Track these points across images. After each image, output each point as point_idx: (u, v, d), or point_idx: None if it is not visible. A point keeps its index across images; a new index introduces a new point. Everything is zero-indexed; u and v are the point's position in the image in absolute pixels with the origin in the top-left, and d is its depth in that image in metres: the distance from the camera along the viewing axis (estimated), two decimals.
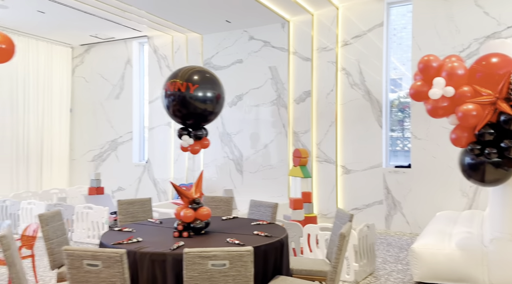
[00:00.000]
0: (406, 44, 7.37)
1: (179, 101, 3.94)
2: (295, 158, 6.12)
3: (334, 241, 3.33)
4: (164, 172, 9.24)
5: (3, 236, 2.42)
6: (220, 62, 8.60)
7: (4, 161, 8.71)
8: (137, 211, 4.16)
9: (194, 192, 3.25)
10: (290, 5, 7.16)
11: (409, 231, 6.75)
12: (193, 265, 2.10)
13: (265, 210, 3.97)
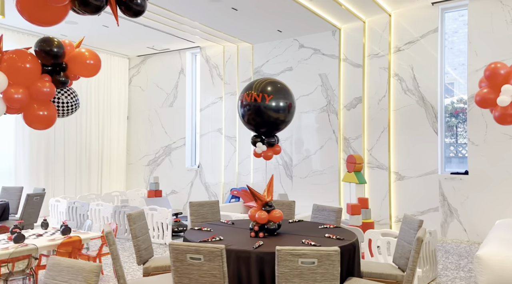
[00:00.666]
0: (457, 49, 7.27)
1: (254, 110, 4.20)
2: (349, 164, 6.21)
3: (402, 246, 3.42)
4: (215, 176, 9.57)
5: (109, 233, 2.72)
6: (270, 70, 8.84)
7: (69, 166, 9.37)
8: (207, 212, 4.43)
9: (267, 196, 3.45)
10: (342, 13, 7.28)
11: (467, 239, 6.62)
12: (284, 262, 2.30)
13: (329, 214, 4.11)
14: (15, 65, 3.73)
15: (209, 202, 4.48)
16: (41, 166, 8.77)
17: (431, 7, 7.09)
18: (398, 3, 7.06)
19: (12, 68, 3.73)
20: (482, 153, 6.55)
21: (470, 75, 6.74)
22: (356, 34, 7.81)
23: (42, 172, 8.79)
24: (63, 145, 9.25)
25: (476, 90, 6.66)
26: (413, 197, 7.13)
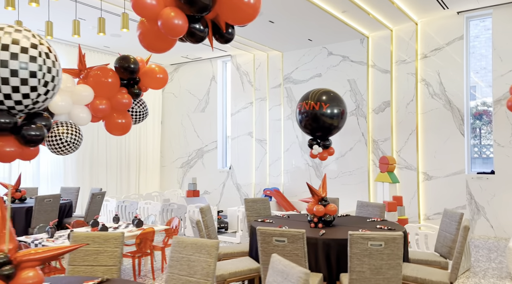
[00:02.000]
0: (479, 53, 7.65)
1: (311, 117, 4.72)
2: (382, 165, 6.65)
3: (444, 236, 3.86)
4: (247, 177, 10.07)
5: (198, 221, 3.24)
6: (299, 77, 9.32)
7: (111, 169, 10.00)
8: (260, 208, 4.93)
9: (322, 192, 3.94)
10: (370, 22, 7.73)
11: (494, 235, 6.99)
12: (356, 244, 2.77)
13: (373, 209, 4.57)
14: (99, 80, 4.30)
15: (261, 199, 4.98)
16: (86, 169, 9.41)
17: (457, 16, 7.49)
18: (424, 13, 7.48)
19: (97, 83, 4.30)
20: (507, 153, 6.92)
21: (495, 80, 7.11)
22: (383, 41, 8.24)
23: (87, 175, 9.42)
24: (105, 149, 9.87)
25: (501, 94, 7.04)
26: (440, 196, 7.53)
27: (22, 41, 1.95)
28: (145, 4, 2.57)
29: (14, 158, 2.16)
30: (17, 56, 1.94)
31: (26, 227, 5.46)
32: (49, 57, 2.02)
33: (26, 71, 1.97)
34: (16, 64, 1.94)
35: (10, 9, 4.01)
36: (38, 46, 1.99)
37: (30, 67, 1.99)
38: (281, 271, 1.95)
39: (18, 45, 1.96)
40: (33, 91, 2.05)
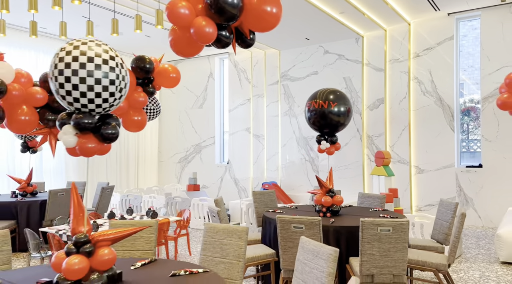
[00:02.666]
0: (466, 51, 8.06)
1: (320, 114, 5.03)
2: (378, 159, 7.01)
3: (440, 224, 4.22)
4: (244, 172, 10.37)
5: (220, 210, 3.53)
6: (296, 74, 9.63)
7: (111, 164, 10.18)
8: (267, 199, 5.24)
9: (329, 184, 4.26)
10: (365, 22, 8.06)
11: (481, 225, 7.44)
12: (367, 230, 3.10)
13: (374, 200, 4.92)
14: None
15: (268, 191, 5.28)
16: (87, 164, 9.58)
17: (447, 17, 7.87)
18: (417, 14, 7.84)
19: None
20: (494, 148, 7.36)
21: (483, 79, 7.53)
22: (378, 41, 8.59)
23: (88, 170, 9.60)
24: None
25: (489, 92, 7.46)
26: (431, 188, 7.95)
27: (103, 54, 2.22)
28: (179, 14, 2.83)
29: (94, 153, 2.44)
30: (100, 67, 2.20)
31: (40, 219, 5.67)
32: (123, 67, 2.31)
33: (107, 80, 2.23)
34: (99, 74, 2.20)
35: (33, 11, 4.20)
36: (115, 58, 2.28)
37: (110, 76, 2.24)
38: (311, 250, 2.25)
39: (100, 57, 2.22)
40: (111, 96, 2.32)
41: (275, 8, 2.96)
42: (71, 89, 2.15)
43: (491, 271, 4.69)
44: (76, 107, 2.26)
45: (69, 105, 2.26)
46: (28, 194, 6.04)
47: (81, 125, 2.29)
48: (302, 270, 2.28)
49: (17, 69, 4.03)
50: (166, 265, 2.37)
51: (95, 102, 2.26)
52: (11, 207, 5.52)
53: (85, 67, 2.14)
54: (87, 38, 2.30)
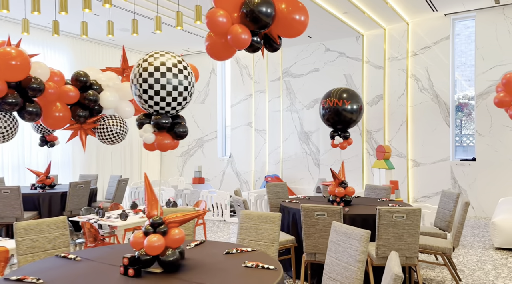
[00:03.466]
0: (459, 49, 8.46)
1: (334, 112, 5.36)
2: (379, 153, 7.39)
3: (443, 213, 4.60)
4: (246, 165, 10.69)
5: (245, 201, 3.85)
6: (298, 71, 9.94)
7: (116, 157, 10.41)
8: (279, 191, 5.57)
9: (342, 176, 4.61)
10: (365, 21, 8.40)
11: (474, 215, 7.90)
12: (383, 217, 3.45)
13: (380, 191, 5.29)
14: None
15: (280, 183, 5.62)
16: (93, 158, 9.79)
17: (444, 17, 8.25)
18: (415, 14, 8.20)
19: None
20: (487, 142, 7.80)
21: (478, 77, 7.95)
22: (377, 39, 8.95)
23: (94, 163, 9.82)
24: None
25: (482, 89, 7.88)
26: (427, 181, 8.38)
27: (178, 65, 2.54)
28: (218, 22, 3.12)
29: (168, 149, 2.76)
30: (177, 76, 2.49)
31: (61, 210, 5.92)
32: (191, 74, 2.64)
33: (182, 86, 2.53)
34: (176, 81, 2.49)
35: (64, 13, 4.42)
36: (187, 68, 2.60)
37: (184, 83, 2.54)
38: (344, 232, 2.59)
39: (176, 67, 2.51)
40: (184, 100, 2.62)
41: (303, 17, 3.27)
42: (153, 94, 2.45)
43: (487, 256, 5.11)
44: (155, 109, 2.55)
45: (149, 107, 2.56)
46: (47, 186, 6.28)
47: (160, 125, 2.58)
48: (336, 250, 2.62)
49: (50, 68, 4.27)
50: (215, 246, 2.68)
51: (171, 105, 2.55)
52: (34, 199, 5.76)
53: (165, 76, 2.44)
54: (163, 51, 2.59)
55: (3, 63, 3.57)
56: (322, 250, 3.60)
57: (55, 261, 2.33)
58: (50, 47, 8.76)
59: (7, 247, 3.21)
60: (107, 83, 4.48)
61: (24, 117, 3.91)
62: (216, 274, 2.09)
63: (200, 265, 2.26)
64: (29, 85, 3.81)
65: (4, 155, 7.98)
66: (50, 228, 2.84)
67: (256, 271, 2.14)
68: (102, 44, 9.96)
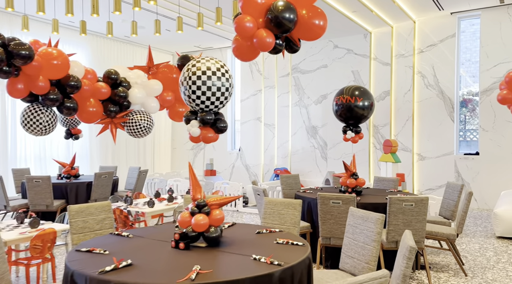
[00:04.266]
0: (464, 46, 8.72)
1: (346, 108, 5.69)
2: (386, 147, 7.70)
3: (447, 203, 4.93)
4: (255, 159, 11.03)
5: (264, 190, 4.19)
6: (306, 67, 10.24)
7: (130, 151, 10.78)
8: (292, 182, 5.91)
9: (353, 168, 4.94)
10: (373, 19, 8.67)
11: (477, 207, 8.22)
12: (393, 205, 3.78)
13: (388, 183, 5.62)
14: (167, 76, 5.12)
15: (293, 175, 5.96)
16: (109, 151, 10.17)
17: (450, 16, 8.52)
18: (422, 12, 8.47)
19: (165, 78, 5.12)
20: (490, 137, 8.10)
21: (482, 74, 8.23)
22: (385, 37, 9.23)
23: (110, 156, 10.19)
24: (124, 132, 10.62)
25: (486, 86, 8.16)
26: (431, 174, 8.69)
27: (221, 69, 2.87)
28: (245, 27, 3.43)
29: (211, 141, 3.13)
30: (220, 78, 2.83)
31: (86, 199, 6.30)
32: (231, 77, 2.99)
33: (224, 87, 2.87)
34: (219, 83, 2.84)
35: (95, 15, 4.75)
36: (228, 71, 2.95)
37: (226, 84, 2.88)
38: (361, 216, 2.92)
39: (220, 71, 2.85)
40: (225, 99, 2.96)
41: (322, 21, 3.58)
42: (201, 95, 2.79)
43: (489, 244, 5.44)
44: (201, 107, 2.90)
45: (196, 105, 2.90)
46: (72, 176, 6.65)
47: (205, 121, 2.93)
48: (353, 232, 2.96)
49: (84, 67, 4.60)
50: (245, 227, 3.03)
51: (215, 104, 2.90)
52: (62, 188, 6.14)
53: (211, 78, 2.77)
54: (208, 57, 2.94)
55: (46, 63, 3.91)
56: (337, 235, 3.95)
57: (112, 238, 2.68)
58: (68, 43, 9.08)
59: (55, 228, 3.57)
60: (135, 81, 4.81)
61: (63, 112, 4.26)
62: (252, 248, 2.43)
63: (237, 241, 2.61)
64: (68, 83, 4.15)
65: (28, 147, 8.36)
66: (97, 211, 3.19)
67: (287, 247, 2.48)
68: (116, 40, 10.28)
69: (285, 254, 2.30)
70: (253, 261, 2.18)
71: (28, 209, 5.85)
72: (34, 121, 4.06)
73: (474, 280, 4.03)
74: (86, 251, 2.33)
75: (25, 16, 5.35)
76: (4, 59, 3.45)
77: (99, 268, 2.02)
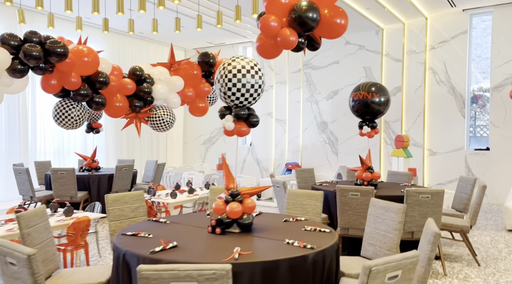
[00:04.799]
0: (475, 42, 8.79)
1: (363, 104, 5.85)
2: (398, 142, 7.84)
3: (460, 196, 5.08)
4: (266, 153, 11.21)
5: (272, 173, 4.37)
6: (318, 63, 10.36)
7: (144, 144, 11.01)
8: (307, 176, 6.08)
9: (368, 162, 5.10)
10: (385, 15, 8.77)
11: (487, 201, 8.34)
12: (410, 197, 3.94)
13: (402, 177, 5.77)
14: (188, 72, 5.30)
15: (308, 169, 6.12)
16: (124, 145, 10.40)
17: (462, 13, 8.59)
18: (434, 9, 8.55)
19: (186, 75, 5.30)
20: (501, 133, 8.20)
21: (493, 70, 8.31)
22: (397, 33, 9.32)
23: (124, 149, 10.42)
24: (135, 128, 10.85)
25: (498, 82, 8.25)
26: (442, 169, 8.82)
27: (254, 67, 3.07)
28: (270, 26, 3.59)
29: (244, 134, 3.35)
30: (253, 76, 3.02)
31: (108, 190, 6.52)
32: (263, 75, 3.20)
33: (257, 84, 3.06)
34: (253, 80, 3.03)
35: (120, 14, 4.92)
36: (260, 70, 3.15)
37: (259, 82, 3.07)
38: (383, 207, 3.09)
39: (253, 69, 3.04)
40: (258, 96, 3.15)
41: (343, 20, 3.74)
42: (236, 91, 2.98)
43: (500, 236, 5.59)
44: (235, 103, 3.09)
45: (231, 101, 3.09)
46: (93, 169, 6.87)
47: (239, 116, 3.12)
48: (375, 221, 3.13)
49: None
50: (272, 216, 3.21)
51: (248, 100, 3.09)
52: (85, 180, 6.36)
53: (246, 76, 2.96)
54: (242, 56, 3.13)
55: (78, 60, 4.10)
56: (355, 225, 4.12)
57: (151, 224, 2.88)
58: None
59: (89, 217, 3.78)
60: (158, 77, 4.99)
61: (92, 106, 4.46)
62: (284, 234, 2.62)
63: (267, 228, 2.79)
64: (97, 79, 4.34)
65: (47, 141, 8.60)
66: (132, 199, 3.39)
67: (315, 233, 2.66)
68: (131, 36, 10.47)
69: (315, 240, 2.48)
70: (286, 245, 2.36)
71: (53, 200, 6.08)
72: (66, 115, 4.26)
73: (487, 270, 4.19)
74: (131, 235, 2.53)
75: (51, 14, 5.54)
76: (41, 56, 3.64)
77: (147, 250, 2.21)
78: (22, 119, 8.10)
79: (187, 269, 1.52)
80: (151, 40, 11.07)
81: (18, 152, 8.05)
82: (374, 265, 1.64)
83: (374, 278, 1.64)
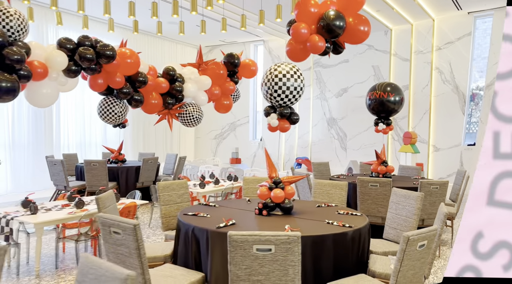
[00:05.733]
0: (477, 43, 9.19)
1: (378, 102, 6.30)
2: (406, 138, 8.27)
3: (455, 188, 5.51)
4: (276, 148, 11.63)
5: (292, 167, 4.81)
6: (328, 61, 10.76)
7: (159, 138, 11.43)
8: (323, 169, 6.52)
9: (383, 156, 5.53)
10: (394, 17, 9.17)
11: None
12: (423, 188, 4.38)
13: (411, 171, 6.21)
14: (215, 72, 5.71)
15: (324, 163, 6.56)
16: (140, 139, 10.82)
17: (467, 15, 8.99)
18: (441, 11, 8.95)
19: (213, 74, 5.71)
20: None
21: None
22: (404, 34, 9.72)
23: (141, 143, 10.85)
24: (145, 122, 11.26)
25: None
26: (444, 164, 9.26)
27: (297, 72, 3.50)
28: (300, 33, 4.00)
29: (286, 130, 3.79)
30: (296, 80, 3.45)
31: (135, 181, 6.95)
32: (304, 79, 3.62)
33: (299, 87, 3.49)
34: (293, 82, 3.45)
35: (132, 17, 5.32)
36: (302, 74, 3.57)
37: (300, 84, 3.49)
38: (403, 195, 3.52)
39: (296, 74, 3.46)
40: (299, 97, 3.59)
41: (366, 27, 4.14)
42: (280, 93, 3.40)
43: None
44: (279, 103, 3.52)
45: (276, 102, 3.52)
46: (119, 161, 7.29)
47: (283, 114, 3.56)
48: (396, 208, 3.56)
49: None
50: (304, 202, 3.64)
51: (291, 100, 3.52)
52: (114, 171, 6.79)
53: (289, 80, 3.39)
54: (286, 62, 3.56)
55: (123, 61, 4.51)
56: (374, 213, 4.55)
57: (204, 207, 3.31)
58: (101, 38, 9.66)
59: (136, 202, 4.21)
60: (189, 76, 5.40)
61: (131, 104, 4.87)
62: (321, 216, 3.04)
63: (305, 211, 3.22)
64: (137, 78, 4.75)
65: (70, 135, 9.02)
66: (178, 187, 3.82)
67: (348, 216, 3.09)
68: (146, 34, 10.86)
69: (350, 221, 2.91)
70: (327, 224, 2.79)
71: (85, 189, 6.51)
72: (110, 111, 4.67)
73: None
74: (192, 215, 2.96)
75: (85, 17, 5.94)
76: (94, 58, 4.04)
77: (212, 226, 2.64)
78: (47, 115, 8.51)
79: (267, 235, 1.95)
80: (166, 38, 11.45)
81: (44, 145, 8.47)
82: (411, 234, 2.07)
83: (410, 245, 2.07)
